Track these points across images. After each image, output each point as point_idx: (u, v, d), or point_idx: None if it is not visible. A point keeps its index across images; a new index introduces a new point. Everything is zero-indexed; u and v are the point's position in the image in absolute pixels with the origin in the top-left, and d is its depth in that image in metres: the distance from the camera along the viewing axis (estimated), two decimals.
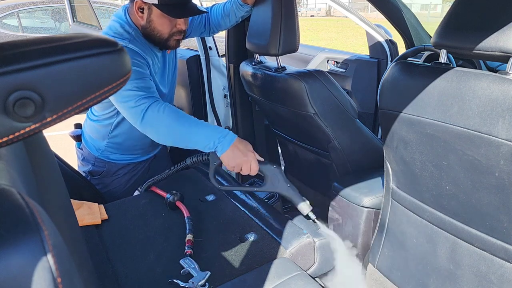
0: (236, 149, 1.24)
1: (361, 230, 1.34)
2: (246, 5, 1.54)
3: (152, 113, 1.25)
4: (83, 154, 1.73)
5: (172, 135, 1.27)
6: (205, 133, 1.24)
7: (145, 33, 1.44)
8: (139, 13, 1.40)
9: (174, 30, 1.44)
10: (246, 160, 1.25)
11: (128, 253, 1.18)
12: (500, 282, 0.91)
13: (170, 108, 1.27)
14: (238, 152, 1.24)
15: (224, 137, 1.24)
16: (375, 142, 1.54)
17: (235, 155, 1.24)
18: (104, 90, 0.38)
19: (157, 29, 1.42)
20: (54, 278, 0.32)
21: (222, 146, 1.24)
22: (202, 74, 2.09)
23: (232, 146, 1.24)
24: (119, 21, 1.45)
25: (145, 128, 1.28)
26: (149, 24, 1.41)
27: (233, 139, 1.25)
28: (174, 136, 1.27)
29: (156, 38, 1.44)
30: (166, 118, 1.24)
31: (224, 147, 1.24)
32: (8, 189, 0.36)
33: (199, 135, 1.25)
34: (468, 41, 0.87)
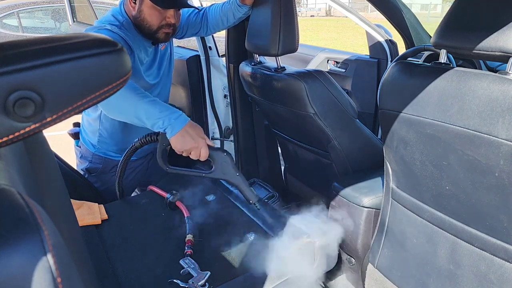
0: (186, 133, 1.20)
1: (361, 230, 1.34)
2: (244, 6, 1.53)
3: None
4: (81, 152, 1.74)
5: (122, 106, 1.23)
6: (155, 111, 1.20)
7: (136, 24, 1.48)
8: (131, 3, 1.45)
9: (163, 23, 1.46)
10: (196, 145, 1.21)
11: (128, 253, 1.18)
12: (500, 282, 0.91)
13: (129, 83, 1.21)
14: (188, 137, 1.20)
15: (175, 119, 1.20)
16: (375, 142, 1.54)
17: (185, 139, 1.20)
18: (104, 90, 0.38)
19: (147, 19, 1.45)
20: (54, 278, 0.32)
21: (172, 128, 1.20)
22: (202, 74, 2.09)
23: (182, 130, 1.20)
24: (113, 12, 1.51)
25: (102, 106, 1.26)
26: (140, 14, 1.45)
27: (184, 122, 1.21)
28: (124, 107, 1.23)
29: (146, 29, 1.47)
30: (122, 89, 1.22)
31: (174, 129, 1.20)
32: (8, 189, 0.36)
33: (149, 111, 1.20)
34: (468, 41, 0.87)
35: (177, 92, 2.22)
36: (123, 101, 1.22)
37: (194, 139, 1.21)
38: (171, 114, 1.20)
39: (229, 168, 1.23)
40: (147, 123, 1.22)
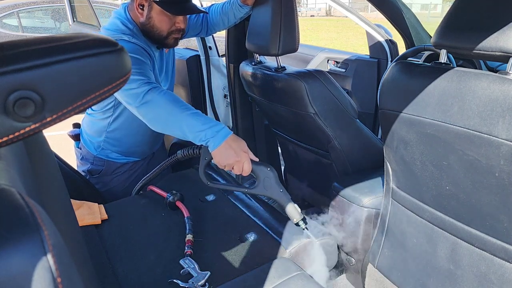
0: (229, 146, 1.17)
1: (361, 230, 1.34)
2: (245, 6, 1.53)
3: (152, 94, 1.20)
4: (81, 153, 1.73)
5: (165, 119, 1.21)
6: (198, 123, 1.17)
7: (144, 30, 1.45)
8: (139, 9, 1.42)
9: (173, 28, 1.45)
10: (238, 160, 1.17)
11: (128, 253, 1.18)
12: (500, 282, 0.91)
13: (170, 94, 1.23)
14: (230, 150, 1.16)
15: (218, 132, 1.17)
16: (375, 142, 1.54)
17: (228, 153, 1.16)
18: (104, 90, 0.38)
19: (156, 26, 1.43)
20: (54, 278, 0.32)
21: (214, 141, 1.16)
22: (202, 74, 2.09)
23: (225, 143, 1.16)
24: (120, 18, 1.46)
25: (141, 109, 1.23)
26: (149, 21, 1.42)
27: (227, 135, 1.17)
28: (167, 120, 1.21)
29: (155, 35, 1.45)
30: (164, 101, 1.19)
31: (217, 142, 1.16)
32: (8, 189, 0.36)
33: (191, 124, 1.17)
34: (468, 41, 0.87)
35: (177, 92, 2.22)
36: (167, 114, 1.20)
37: (236, 153, 1.17)
38: (213, 127, 1.17)
39: (273, 184, 1.19)
40: (189, 136, 1.18)
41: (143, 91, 1.21)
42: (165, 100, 1.20)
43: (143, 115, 1.24)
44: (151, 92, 1.21)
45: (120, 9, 1.49)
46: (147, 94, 1.20)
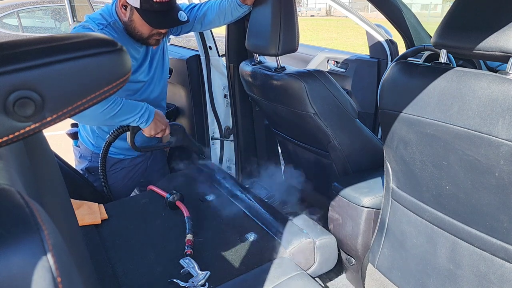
0: (157, 122, 1.50)
1: (361, 230, 1.34)
2: (244, 6, 1.53)
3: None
4: (80, 151, 1.74)
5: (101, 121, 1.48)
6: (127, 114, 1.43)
7: (126, 29, 1.49)
8: (122, 9, 1.45)
9: (154, 32, 1.48)
10: (162, 128, 1.53)
11: (128, 253, 1.18)
12: (500, 282, 0.91)
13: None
14: (157, 124, 1.51)
15: (144, 112, 1.46)
16: (375, 142, 1.53)
17: (155, 126, 1.51)
18: (104, 90, 0.38)
19: (138, 28, 1.46)
20: (54, 278, 0.32)
21: (146, 121, 1.47)
22: (202, 74, 2.09)
23: (153, 121, 1.49)
24: (102, 10, 1.50)
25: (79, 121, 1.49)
26: (130, 22, 1.46)
27: (152, 115, 1.48)
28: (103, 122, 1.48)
29: (137, 36, 1.49)
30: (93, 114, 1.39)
31: (148, 121, 1.48)
32: (8, 189, 0.36)
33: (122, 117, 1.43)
34: (468, 41, 0.87)
35: (177, 92, 2.22)
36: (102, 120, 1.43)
37: (161, 123, 1.52)
38: (140, 110, 1.45)
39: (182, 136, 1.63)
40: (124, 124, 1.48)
41: None
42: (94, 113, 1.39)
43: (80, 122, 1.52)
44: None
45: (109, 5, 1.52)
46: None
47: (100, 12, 1.50)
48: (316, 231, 1.25)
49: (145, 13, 1.39)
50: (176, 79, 2.16)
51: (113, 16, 1.48)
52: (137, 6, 1.38)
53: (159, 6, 1.38)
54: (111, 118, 1.41)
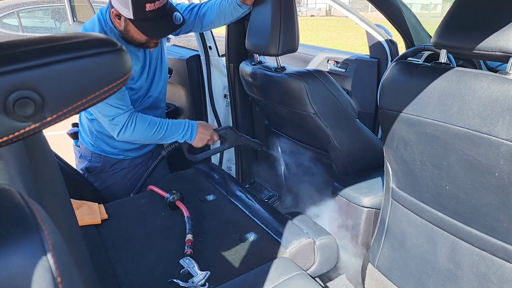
0: (201, 134, 1.57)
1: (361, 230, 1.34)
2: (244, 6, 1.52)
3: (127, 132, 1.46)
4: (80, 151, 1.74)
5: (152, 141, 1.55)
6: (172, 133, 1.52)
7: (123, 37, 1.47)
8: (116, 19, 1.42)
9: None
10: (209, 138, 1.59)
11: (128, 253, 1.18)
12: (500, 282, 0.91)
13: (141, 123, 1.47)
14: (202, 136, 1.57)
15: (187, 130, 1.54)
16: (375, 142, 1.54)
17: (201, 138, 1.58)
18: (104, 90, 0.38)
19: (135, 37, 1.44)
20: (54, 278, 0.32)
21: (191, 136, 1.55)
22: (202, 74, 2.09)
23: (197, 134, 1.56)
24: (98, 19, 1.47)
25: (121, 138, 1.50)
26: (127, 32, 1.44)
27: (195, 128, 1.56)
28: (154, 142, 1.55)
29: (134, 43, 1.47)
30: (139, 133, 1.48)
31: (192, 136, 1.55)
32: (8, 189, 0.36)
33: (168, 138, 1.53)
34: (468, 41, 0.87)
35: (177, 92, 2.22)
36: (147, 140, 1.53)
37: (206, 134, 1.58)
38: (185, 129, 1.54)
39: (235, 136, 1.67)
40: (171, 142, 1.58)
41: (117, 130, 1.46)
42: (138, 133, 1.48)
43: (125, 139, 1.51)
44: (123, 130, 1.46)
45: (104, 8, 1.49)
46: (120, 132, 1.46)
47: (97, 20, 1.47)
48: (316, 231, 1.25)
49: (140, 24, 1.36)
50: (176, 79, 2.16)
51: (108, 24, 1.46)
52: (131, 17, 1.35)
53: (153, 14, 1.35)
54: (160, 139, 1.53)
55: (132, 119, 1.45)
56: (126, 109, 1.45)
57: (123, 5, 1.34)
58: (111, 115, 1.42)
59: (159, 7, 1.35)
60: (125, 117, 1.44)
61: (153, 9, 1.34)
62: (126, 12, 1.35)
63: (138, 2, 1.32)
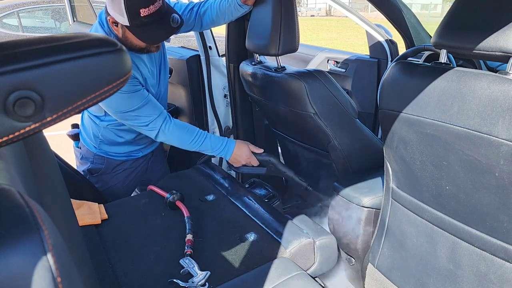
0: (236, 155, 1.55)
1: (361, 230, 1.34)
2: (245, 6, 1.51)
3: (163, 135, 1.47)
4: (81, 153, 1.73)
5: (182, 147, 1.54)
6: (209, 147, 1.52)
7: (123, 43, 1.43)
8: (113, 26, 1.39)
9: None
10: (246, 160, 1.57)
11: (128, 253, 1.18)
12: (500, 282, 0.91)
13: (179, 129, 1.48)
14: (238, 157, 1.56)
15: (224, 148, 1.54)
16: (375, 142, 1.53)
17: (237, 159, 1.56)
18: (104, 90, 0.38)
19: (134, 43, 1.40)
20: (54, 278, 0.32)
21: (225, 154, 1.55)
22: (202, 74, 2.09)
23: (233, 154, 1.55)
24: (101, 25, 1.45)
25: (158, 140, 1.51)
26: (125, 39, 1.40)
27: (232, 148, 1.54)
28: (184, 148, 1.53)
29: (135, 49, 1.44)
30: (176, 138, 1.49)
31: (227, 155, 1.55)
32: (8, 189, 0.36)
33: (204, 150, 1.53)
34: (468, 41, 0.87)
35: (177, 92, 2.22)
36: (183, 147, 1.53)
37: (242, 157, 1.57)
38: (221, 145, 1.54)
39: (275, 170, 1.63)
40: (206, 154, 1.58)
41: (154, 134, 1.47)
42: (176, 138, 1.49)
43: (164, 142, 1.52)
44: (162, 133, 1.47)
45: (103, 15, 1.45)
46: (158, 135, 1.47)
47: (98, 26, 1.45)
48: (316, 231, 1.25)
49: (136, 30, 1.33)
50: (176, 79, 2.16)
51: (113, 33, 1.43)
52: (127, 25, 1.32)
53: (149, 19, 1.31)
54: (197, 149, 1.53)
55: (170, 122, 1.47)
56: (158, 113, 1.45)
57: (118, 13, 1.31)
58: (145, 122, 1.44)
59: (154, 12, 1.31)
60: (160, 121, 1.45)
61: (148, 14, 1.30)
62: (121, 20, 1.32)
63: (132, 9, 1.28)
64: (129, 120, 1.45)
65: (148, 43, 1.40)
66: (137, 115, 1.42)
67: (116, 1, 1.28)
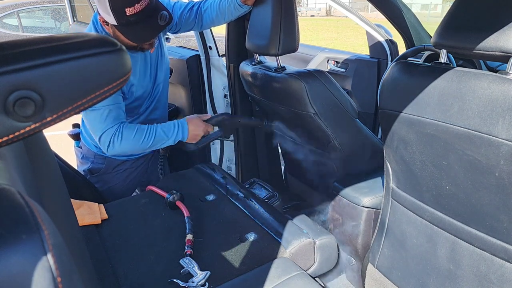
0: (193, 130, 1.52)
1: (361, 230, 1.34)
2: (245, 6, 1.51)
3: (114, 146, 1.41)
4: (82, 152, 1.73)
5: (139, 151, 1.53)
6: (163, 135, 1.47)
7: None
8: (105, 25, 1.40)
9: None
10: (202, 133, 1.55)
11: (128, 253, 1.18)
12: (500, 282, 0.91)
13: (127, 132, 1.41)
14: (195, 131, 1.53)
15: (179, 129, 1.49)
16: (375, 142, 1.53)
17: (194, 135, 1.53)
18: (104, 90, 0.38)
19: (125, 41, 1.39)
20: (54, 278, 0.32)
21: (183, 135, 1.50)
22: (202, 74, 2.09)
23: (189, 133, 1.51)
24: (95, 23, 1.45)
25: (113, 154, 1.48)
26: (116, 38, 1.39)
27: (186, 126, 1.50)
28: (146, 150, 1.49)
29: (127, 47, 1.42)
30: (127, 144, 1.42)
31: (185, 135, 1.51)
32: (8, 189, 0.36)
33: (160, 143, 1.48)
34: (468, 41, 0.87)
35: (177, 92, 2.22)
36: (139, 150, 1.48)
37: (199, 129, 1.53)
38: (175, 131, 1.49)
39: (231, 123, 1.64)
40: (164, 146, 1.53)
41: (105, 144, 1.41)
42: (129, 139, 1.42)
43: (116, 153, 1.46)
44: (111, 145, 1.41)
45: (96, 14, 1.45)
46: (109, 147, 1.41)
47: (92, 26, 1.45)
48: (316, 231, 1.25)
49: (125, 29, 1.33)
50: (176, 79, 2.16)
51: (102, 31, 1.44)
52: (115, 24, 1.32)
53: (135, 18, 1.30)
54: (150, 147, 1.46)
55: (119, 130, 1.40)
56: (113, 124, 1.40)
57: (105, 12, 1.31)
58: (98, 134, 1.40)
59: (141, 10, 1.30)
60: (112, 131, 1.39)
61: (133, 13, 1.29)
62: (109, 19, 1.32)
63: (117, 8, 1.28)
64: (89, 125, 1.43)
65: (135, 42, 1.39)
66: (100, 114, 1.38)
67: (102, 1, 1.29)
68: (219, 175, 1.64)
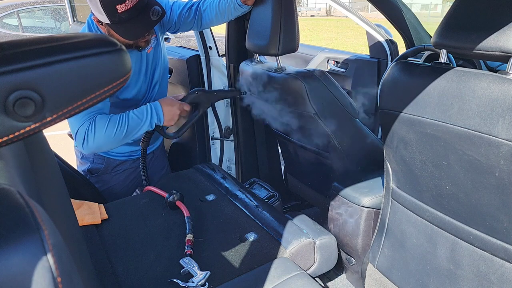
0: (168, 111, 1.45)
1: (361, 230, 1.34)
2: (245, 6, 1.51)
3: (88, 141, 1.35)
4: (82, 152, 1.73)
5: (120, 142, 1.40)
6: (137, 120, 1.40)
7: None
8: (99, 24, 1.40)
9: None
10: (178, 112, 1.48)
11: (128, 253, 1.18)
12: (500, 282, 0.91)
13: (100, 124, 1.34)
14: (170, 112, 1.46)
15: (152, 112, 1.43)
16: (375, 142, 1.53)
17: (171, 116, 1.46)
18: (104, 90, 0.38)
19: (120, 40, 1.38)
20: (54, 278, 0.32)
21: (159, 118, 1.44)
22: (202, 74, 2.09)
23: (164, 115, 1.44)
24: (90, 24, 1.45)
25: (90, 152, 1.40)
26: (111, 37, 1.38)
27: (159, 107, 1.44)
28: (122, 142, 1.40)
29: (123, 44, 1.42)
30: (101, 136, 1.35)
31: (161, 117, 1.44)
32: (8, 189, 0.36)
33: (135, 130, 1.41)
34: (468, 41, 0.87)
35: (177, 92, 2.22)
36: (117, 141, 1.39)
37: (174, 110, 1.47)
38: (147, 114, 1.42)
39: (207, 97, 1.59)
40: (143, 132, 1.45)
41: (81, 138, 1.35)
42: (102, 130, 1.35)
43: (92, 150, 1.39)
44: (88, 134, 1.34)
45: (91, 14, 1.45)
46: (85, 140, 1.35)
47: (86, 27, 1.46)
48: (316, 231, 1.25)
49: (117, 27, 1.33)
50: (176, 79, 2.16)
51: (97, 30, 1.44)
52: (108, 22, 1.32)
53: (127, 15, 1.30)
54: (126, 136, 1.38)
55: (92, 123, 1.35)
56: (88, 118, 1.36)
57: (98, 11, 1.31)
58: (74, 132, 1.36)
59: (132, 6, 1.30)
60: (86, 125, 1.35)
61: (125, 10, 1.29)
62: (102, 18, 1.32)
63: (108, 6, 1.28)
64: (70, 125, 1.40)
65: (129, 39, 1.38)
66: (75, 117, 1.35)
67: (93, 0, 1.29)
68: (219, 175, 1.64)
